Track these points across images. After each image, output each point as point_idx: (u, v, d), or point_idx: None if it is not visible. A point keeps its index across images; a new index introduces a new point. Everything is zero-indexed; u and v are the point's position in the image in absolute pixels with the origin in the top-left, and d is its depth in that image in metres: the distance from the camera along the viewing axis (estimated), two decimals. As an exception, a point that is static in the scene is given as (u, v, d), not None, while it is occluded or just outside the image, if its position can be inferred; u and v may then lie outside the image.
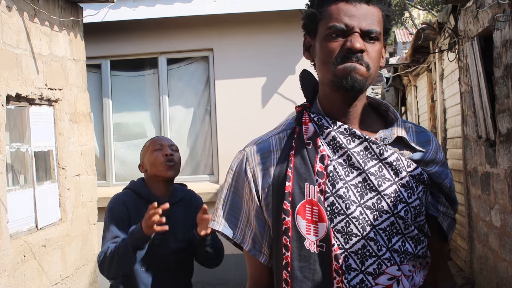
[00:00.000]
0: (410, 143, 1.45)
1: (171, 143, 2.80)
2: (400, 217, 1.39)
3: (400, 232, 1.39)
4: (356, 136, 1.41)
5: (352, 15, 1.35)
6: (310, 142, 1.42)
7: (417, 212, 1.41)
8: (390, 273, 1.37)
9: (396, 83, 11.76)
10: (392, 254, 1.37)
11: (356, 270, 1.36)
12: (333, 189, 1.38)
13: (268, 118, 5.89)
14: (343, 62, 1.36)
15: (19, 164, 4.41)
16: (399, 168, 1.40)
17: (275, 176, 1.42)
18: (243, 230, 1.48)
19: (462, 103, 5.92)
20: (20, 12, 4.21)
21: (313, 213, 1.37)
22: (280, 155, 1.45)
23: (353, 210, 1.37)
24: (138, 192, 2.72)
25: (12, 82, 4.02)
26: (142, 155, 2.80)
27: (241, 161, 1.48)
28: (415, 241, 1.41)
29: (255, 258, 1.48)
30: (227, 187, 1.50)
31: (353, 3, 1.36)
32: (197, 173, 6.34)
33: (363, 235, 1.36)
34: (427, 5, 17.60)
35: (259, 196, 1.44)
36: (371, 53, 1.37)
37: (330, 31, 1.37)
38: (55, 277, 4.54)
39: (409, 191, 1.40)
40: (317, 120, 1.44)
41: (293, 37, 6.02)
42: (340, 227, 1.36)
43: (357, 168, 1.39)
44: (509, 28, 4.12)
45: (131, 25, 6.10)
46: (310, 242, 1.37)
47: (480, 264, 5.51)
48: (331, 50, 1.37)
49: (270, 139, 1.49)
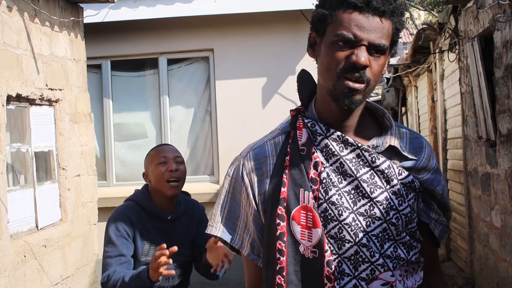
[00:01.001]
0: (402, 152, 1.45)
1: (177, 155, 2.70)
2: (392, 224, 1.40)
3: (392, 238, 1.40)
4: (348, 143, 1.42)
5: (362, 27, 1.33)
6: (304, 149, 1.44)
7: (408, 219, 1.42)
8: (383, 279, 1.38)
9: (396, 83, 11.76)
10: (385, 260, 1.39)
11: (349, 275, 1.38)
12: (326, 195, 1.39)
13: (268, 118, 5.89)
14: (345, 76, 1.35)
15: (20, 164, 4.41)
16: (390, 176, 1.41)
17: (271, 182, 1.44)
18: (241, 235, 1.49)
19: (463, 104, 5.92)
20: (21, 12, 4.21)
21: (308, 219, 1.38)
22: (275, 160, 1.46)
23: (345, 217, 1.38)
24: (142, 205, 2.64)
25: (12, 82, 4.02)
26: (146, 165, 2.71)
27: (238, 167, 1.50)
28: (407, 247, 1.42)
29: (253, 262, 1.49)
30: (224, 193, 1.52)
31: (366, 14, 1.33)
32: (198, 173, 6.34)
33: (356, 241, 1.38)
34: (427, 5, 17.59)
35: (256, 201, 1.46)
36: (374, 67, 1.36)
37: (338, 39, 1.35)
38: (55, 277, 4.55)
39: (399, 198, 1.41)
40: (310, 126, 1.45)
41: (294, 37, 6.02)
42: (333, 233, 1.38)
43: (349, 175, 1.40)
44: (509, 28, 4.12)
45: (131, 26, 6.10)
46: (304, 247, 1.38)
47: (481, 264, 5.51)
48: (336, 59, 1.36)
49: (266, 144, 1.50)
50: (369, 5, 1.33)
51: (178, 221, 2.65)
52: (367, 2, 1.32)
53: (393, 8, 1.36)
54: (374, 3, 1.33)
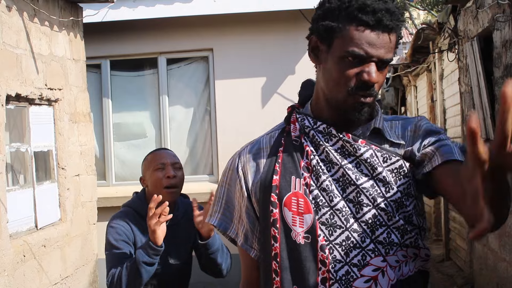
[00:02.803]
0: (387, 137, 1.47)
1: (174, 161, 2.63)
2: (381, 209, 1.41)
3: (384, 224, 1.41)
4: (332, 135, 1.46)
5: (373, 44, 1.35)
6: (297, 140, 1.50)
7: (398, 204, 1.42)
8: (374, 264, 1.40)
9: (396, 83, 11.77)
10: (376, 246, 1.40)
11: (341, 262, 1.40)
12: (317, 182, 1.44)
13: (268, 118, 5.88)
14: (357, 94, 1.38)
15: (19, 164, 4.41)
16: (374, 164, 1.42)
17: (264, 171, 1.50)
18: (237, 226, 1.56)
19: (462, 103, 5.92)
20: (20, 12, 4.21)
21: (299, 205, 1.43)
22: (270, 151, 1.53)
23: (336, 202, 1.42)
24: (139, 211, 2.60)
25: (12, 82, 4.02)
26: (144, 169, 2.67)
27: (234, 159, 1.58)
28: (402, 232, 1.42)
29: (247, 253, 1.55)
30: (221, 184, 1.59)
31: (376, 32, 1.35)
32: (197, 173, 6.34)
33: (347, 226, 1.41)
34: (427, 5, 17.59)
35: (249, 192, 1.52)
36: (380, 80, 1.40)
37: (348, 55, 1.36)
38: (55, 277, 4.54)
39: (386, 185, 1.41)
40: (300, 120, 1.51)
41: (293, 37, 6.02)
42: (325, 219, 1.42)
43: (335, 164, 1.44)
44: (508, 28, 4.12)
45: (131, 25, 6.10)
46: (296, 233, 1.42)
47: (480, 264, 5.51)
48: (347, 76, 1.38)
49: (261, 138, 1.58)
50: (380, 23, 1.34)
51: (177, 226, 2.62)
52: (379, 20, 1.34)
53: (400, 22, 1.39)
54: (384, 21, 1.34)
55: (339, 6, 1.38)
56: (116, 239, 2.51)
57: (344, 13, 1.36)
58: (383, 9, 1.34)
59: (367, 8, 1.34)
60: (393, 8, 1.36)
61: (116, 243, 2.50)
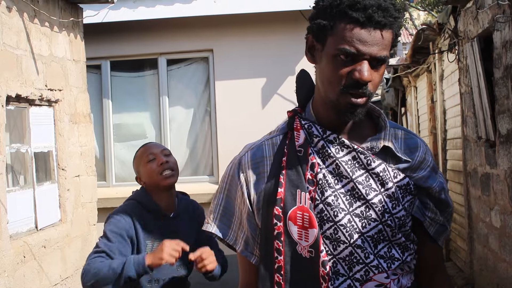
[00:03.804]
0: (396, 153, 1.45)
1: (163, 148, 2.69)
2: (387, 225, 1.41)
3: (387, 239, 1.41)
4: (344, 145, 1.43)
5: (365, 41, 1.32)
6: (301, 150, 1.45)
7: (401, 222, 1.43)
8: (378, 280, 1.40)
9: (396, 84, 11.76)
10: (379, 261, 1.40)
11: (344, 276, 1.40)
12: (322, 196, 1.41)
13: (268, 119, 5.88)
14: (349, 92, 1.35)
15: (19, 165, 4.41)
16: (385, 179, 1.42)
17: (268, 182, 1.46)
18: (235, 232, 1.54)
19: (462, 104, 5.92)
20: (20, 13, 4.21)
21: (304, 219, 1.40)
22: (273, 161, 1.48)
23: (341, 218, 1.40)
24: (143, 202, 2.63)
25: (12, 83, 4.02)
26: (136, 167, 2.71)
27: (235, 165, 1.53)
28: (403, 248, 1.43)
29: (246, 259, 1.53)
30: (220, 190, 1.56)
31: (368, 28, 1.32)
32: (197, 174, 6.34)
33: (350, 242, 1.39)
34: (427, 5, 17.59)
35: (251, 200, 1.48)
36: (375, 79, 1.37)
37: (340, 53, 1.34)
38: (55, 278, 4.54)
39: (394, 202, 1.42)
40: (307, 128, 1.46)
41: (293, 37, 6.02)
42: (329, 233, 1.40)
43: (345, 177, 1.41)
44: (509, 29, 4.12)
45: (131, 26, 6.10)
46: (302, 247, 1.40)
47: (480, 265, 5.51)
48: (338, 74, 1.35)
49: (263, 144, 1.53)
50: (371, 19, 1.31)
51: (179, 219, 2.64)
52: (369, 16, 1.31)
53: (394, 18, 1.35)
54: (376, 17, 1.31)
55: (330, 3, 1.35)
56: (112, 230, 2.51)
57: (336, 10, 1.34)
58: (375, 5, 1.31)
59: (357, 4, 1.31)
60: (386, 4, 1.33)
61: (110, 234, 2.50)
